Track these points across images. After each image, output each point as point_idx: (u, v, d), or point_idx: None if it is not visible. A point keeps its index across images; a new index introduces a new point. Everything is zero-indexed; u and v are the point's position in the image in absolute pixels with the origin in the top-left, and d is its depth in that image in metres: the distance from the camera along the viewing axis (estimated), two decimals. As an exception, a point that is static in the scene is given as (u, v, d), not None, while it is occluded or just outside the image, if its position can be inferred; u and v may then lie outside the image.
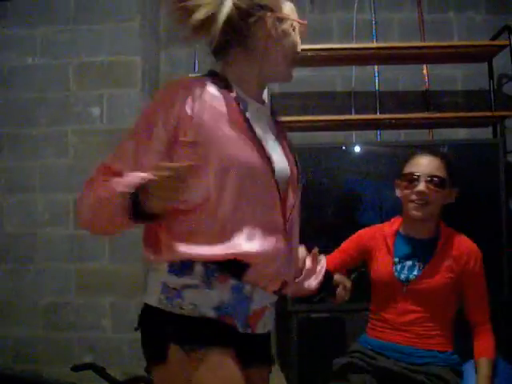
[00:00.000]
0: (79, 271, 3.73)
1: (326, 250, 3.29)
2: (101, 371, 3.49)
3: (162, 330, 1.43)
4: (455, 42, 4.00)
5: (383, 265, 2.28)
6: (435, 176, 2.20)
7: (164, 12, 4.18)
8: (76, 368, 3.46)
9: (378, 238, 2.35)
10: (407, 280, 2.21)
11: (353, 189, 3.75)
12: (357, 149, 3.79)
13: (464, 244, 2.24)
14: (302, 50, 3.45)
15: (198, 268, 1.39)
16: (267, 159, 1.42)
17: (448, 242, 2.23)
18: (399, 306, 2.22)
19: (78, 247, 3.73)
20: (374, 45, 3.98)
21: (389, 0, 4.19)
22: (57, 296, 3.73)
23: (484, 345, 2.16)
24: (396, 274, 2.24)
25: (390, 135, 4.08)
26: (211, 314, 1.38)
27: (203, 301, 1.39)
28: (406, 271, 2.23)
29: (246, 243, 1.37)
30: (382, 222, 3.63)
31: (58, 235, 3.75)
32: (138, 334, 3.52)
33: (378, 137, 4.10)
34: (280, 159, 1.51)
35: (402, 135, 4.09)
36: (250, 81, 1.54)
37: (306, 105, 4.10)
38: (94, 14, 3.78)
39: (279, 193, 1.44)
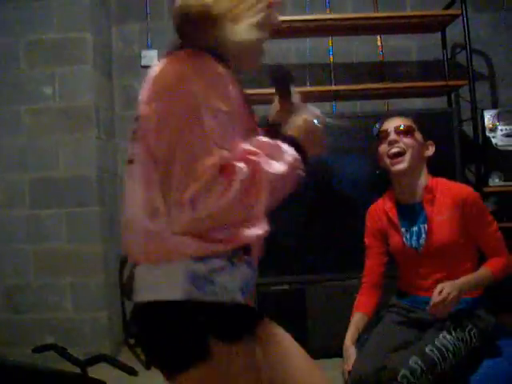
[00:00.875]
0: (37, 252, 3.78)
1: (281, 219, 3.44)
2: (62, 352, 3.57)
3: (197, 323, 1.31)
4: (408, 13, 4.12)
5: (394, 238, 2.35)
6: (402, 124, 2.27)
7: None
8: (37, 349, 3.53)
9: (381, 216, 2.41)
10: (419, 245, 2.27)
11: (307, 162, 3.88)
12: (312, 120, 3.90)
13: (456, 190, 2.28)
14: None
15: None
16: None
17: (440, 194, 2.27)
18: (421, 271, 2.28)
19: (35, 228, 3.78)
20: (328, 16, 4.06)
21: (342, -29, 4.30)
22: (16, 278, 3.78)
23: (492, 262, 2.21)
24: (407, 243, 2.30)
25: (345, 107, 4.20)
26: (239, 297, 1.35)
27: (232, 282, 1.34)
28: (414, 237, 2.29)
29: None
30: (337, 194, 3.82)
31: (15, 216, 3.79)
32: (98, 314, 3.63)
33: (334, 109, 4.23)
34: None
35: (358, 106, 4.21)
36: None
37: (260, 78, 4.20)
38: (43, -9, 3.81)
39: None
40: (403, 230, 2.32)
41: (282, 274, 3.70)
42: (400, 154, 2.24)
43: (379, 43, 4.26)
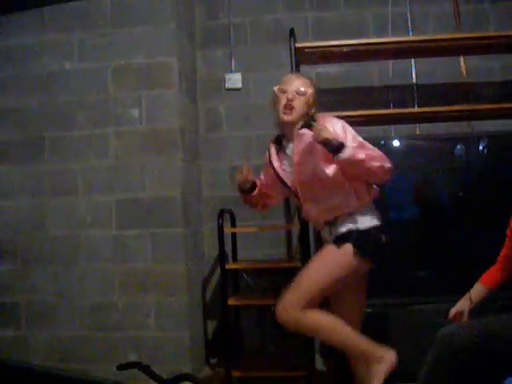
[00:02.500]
0: (122, 272, 4.03)
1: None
2: (146, 369, 3.84)
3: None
4: (491, 33, 4.21)
5: None
6: None
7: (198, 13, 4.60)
8: (122, 367, 3.79)
9: None
10: None
11: (393, 183, 4.08)
12: (396, 143, 4.05)
13: None
14: (339, 45, 3.85)
15: None
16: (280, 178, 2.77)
17: None
18: None
19: (121, 248, 4.04)
20: (410, 38, 4.22)
21: (424, -7, 4.45)
22: (102, 296, 4.04)
23: None
24: None
25: (429, 128, 4.34)
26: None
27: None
28: None
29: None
30: (421, 215, 3.99)
31: (101, 237, 4.07)
32: (181, 333, 3.90)
33: (417, 130, 4.39)
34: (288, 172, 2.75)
35: (442, 128, 4.33)
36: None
37: (344, 100, 4.43)
38: (130, 17, 4.11)
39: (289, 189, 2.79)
40: None
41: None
42: None
43: (462, 64, 4.39)
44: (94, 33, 4.18)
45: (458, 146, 3.96)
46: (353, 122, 4.09)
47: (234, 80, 4.47)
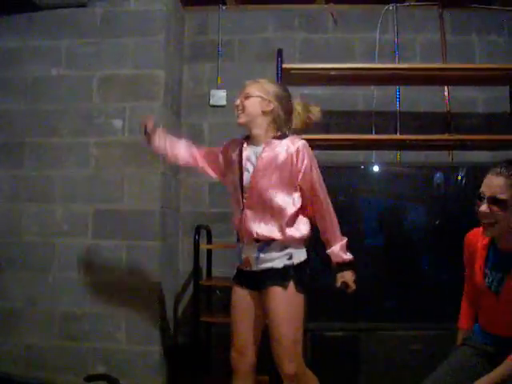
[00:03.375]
0: (95, 282, 4.05)
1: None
2: (115, 382, 3.84)
3: None
4: (477, 65, 4.32)
5: (476, 275, 2.50)
6: (496, 197, 2.27)
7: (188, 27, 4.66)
8: (90, 378, 3.80)
9: (474, 246, 2.55)
10: (498, 291, 2.39)
11: (371, 208, 4.14)
12: (376, 168, 4.13)
13: None
14: (325, 68, 3.92)
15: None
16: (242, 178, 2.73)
17: None
18: (497, 311, 2.43)
19: (96, 258, 4.05)
20: (396, 65, 4.32)
21: (412, 21, 4.58)
22: (72, 306, 4.04)
23: None
24: (487, 284, 2.45)
25: (410, 156, 4.42)
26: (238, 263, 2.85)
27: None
28: (496, 283, 2.41)
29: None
30: (397, 242, 4.05)
31: (76, 245, 4.08)
32: (151, 347, 3.90)
33: (399, 157, 4.46)
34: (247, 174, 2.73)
35: (423, 156, 4.42)
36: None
37: (328, 123, 4.50)
38: (120, 27, 4.16)
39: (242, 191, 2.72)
40: (487, 271, 2.46)
41: (336, 319, 3.92)
42: (490, 224, 2.34)
43: (446, 94, 4.50)
44: (82, 41, 4.22)
45: (438, 175, 4.03)
46: (335, 145, 4.21)
47: (219, 97, 4.54)
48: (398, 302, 3.88)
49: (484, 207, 2.32)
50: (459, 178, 4.01)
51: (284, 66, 3.97)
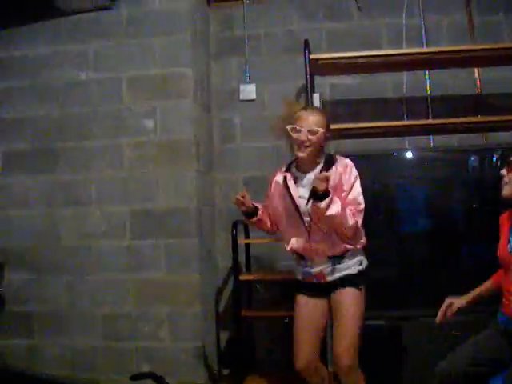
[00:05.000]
0: (136, 282, 4.15)
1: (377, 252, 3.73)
2: (160, 380, 3.92)
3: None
4: (506, 44, 4.30)
5: (501, 242, 2.76)
6: None
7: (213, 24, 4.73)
8: (135, 377, 3.89)
9: (503, 221, 2.84)
10: None
11: (406, 195, 4.17)
12: (409, 155, 4.15)
13: None
14: (353, 57, 3.96)
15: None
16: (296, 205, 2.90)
17: None
18: None
19: (135, 258, 4.16)
20: (424, 50, 4.31)
21: (437, 4, 4.58)
22: (115, 306, 4.17)
23: None
24: (509, 250, 2.68)
25: (443, 140, 4.45)
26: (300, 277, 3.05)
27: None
28: None
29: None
30: (435, 228, 4.07)
31: (115, 247, 4.20)
32: (194, 344, 3.99)
33: (431, 142, 4.50)
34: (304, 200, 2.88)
35: (456, 140, 4.44)
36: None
37: (358, 112, 4.53)
38: (145, 28, 4.24)
39: (301, 218, 2.91)
40: (511, 238, 2.69)
41: (378, 308, 3.96)
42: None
43: (476, 75, 4.50)
44: (109, 44, 4.32)
45: (472, 158, 4.04)
46: (366, 133, 4.24)
47: (249, 91, 4.61)
48: (438, 288, 3.89)
49: (503, 170, 2.73)
50: (494, 160, 4.00)
51: (311, 56, 4.02)
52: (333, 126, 4.09)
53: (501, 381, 2.51)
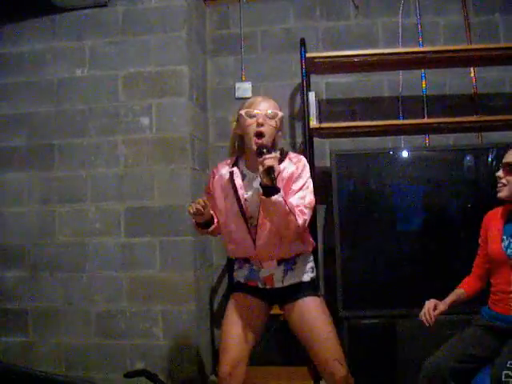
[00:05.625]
0: (130, 279, 4.17)
1: (373, 251, 3.75)
2: (154, 378, 3.93)
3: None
4: (502, 44, 4.34)
5: (493, 243, 2.83)
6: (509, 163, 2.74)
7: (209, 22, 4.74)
8: (129, 375, 3.90)
9: (492, 221, 2.92)
10: None
11: (401, 194, 4.20)
12: (405, 154, 4.18)
13: None
14: (349, 55, 3.98)
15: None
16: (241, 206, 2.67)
17: None
18: (506, 276, 2.74)
19: (129, 256, 4.18)
20: (420, 49, 4.35)
21: (434, 3, 4.61)
22: (108, 304, 4.18)
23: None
24: (503, 249, 2.76)
25: (438, 140, 4.48)
26: (242, 280, 2.87)
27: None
28: (511, 247, 2.75)
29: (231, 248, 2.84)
30: (429, 227, 4.10)
31: (110, 244, 4.21)
32: (189, 341, 3.99)
33: (427, 141, 4.52)
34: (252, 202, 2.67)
35: (451, 139, 4.47)
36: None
37: (354, 110, 4.57)
38: (141, 25, 4.25)
39: (245, 220, 2.69)
40: (504, 237, 2.78)
41: (371, 307, 3.98)
42: (502, 186, 2.78)
43: (472, 75, 4.53)
44: (105, 41, 4.33)
45: (468, 158, 4.06)
46: (362, 132, 4.27)
47: (244, 89, 4.63)
48: (432, 287, 3.91)
49: (499, 171, 2.78)
50: (489, 159, 4.03)
51: (308, 55, 4.05)
52: (329, 125, 4.17)
53: (486, 376, 2.57)
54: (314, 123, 4.10)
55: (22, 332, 4.27)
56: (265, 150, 2.44)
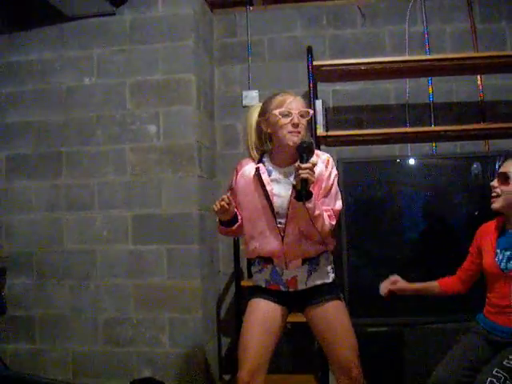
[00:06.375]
0: (138, 287, 4.19)
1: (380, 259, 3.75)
2: (160, 385, 3.95)
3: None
4: (509, 52, 4.37)
5: (487, 257, 2.83)
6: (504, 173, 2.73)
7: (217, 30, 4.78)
8: (135, 382, 3.92)
9: (486, 234, 2.91)
10: (507, 268, 2.72)
11: (409, 201, 4.20)
12: (412, 161, 4.19)
13: None
14: (356, 63, 3.99)
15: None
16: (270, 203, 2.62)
17: None
18: (502, 290, 2.74)
19: (137, 263, 4.19)
20: (427, 57, 4.37)
21: (440, 11, 4.64)
22: (116, 312, 4.20)
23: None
24: (497, 263, 2.76)
25: (445, 147, 4.49)
26: (262, 284, 2.77)
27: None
28: (505, 260, 2.74)
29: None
30: (437, 234, 4.10)
31: (117, 251, 4.23)
32: (196, 349, 3.99)
33: (434, 149, 4.53)
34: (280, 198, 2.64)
35: (458, 147, 4.49)
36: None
37: (361, 118, 4.59)
38: (149, 34, 4.29)
39: (274, 218, 2.63)
40: (498, 251, 2.79)
41: (378, 315, 3.98)
42: (495, 197, 2.78)
43: (479, 82, 4.54)
44: (113, 49, 4.36)
45: (475, 165, 4.06)
46: (369, 140, 4.27)
47: (251, 97, 4.65)
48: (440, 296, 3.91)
49: (494, 181, 2.78)
50: (496, 167, 4.02)
51: (315, 63, 4.07)
52: (336, 133, 4.18)
53: None
54: (321, 131, 4.11)
55: (30, 339, 4.30)
56: (305, 145, 2.49)
